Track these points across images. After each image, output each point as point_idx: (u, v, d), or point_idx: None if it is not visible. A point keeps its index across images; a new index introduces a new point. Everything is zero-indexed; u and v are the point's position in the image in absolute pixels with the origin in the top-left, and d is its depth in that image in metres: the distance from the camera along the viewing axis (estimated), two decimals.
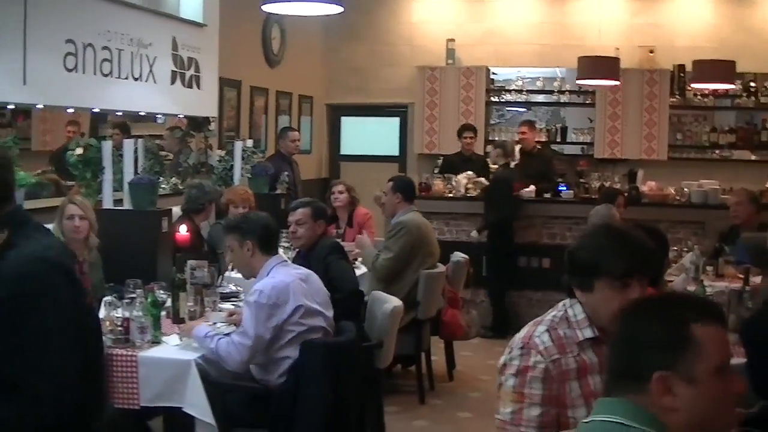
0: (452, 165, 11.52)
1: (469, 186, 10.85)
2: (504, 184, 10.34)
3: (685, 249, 8.39)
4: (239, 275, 7.04)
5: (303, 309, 5.04)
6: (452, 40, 13.01)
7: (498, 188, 10.33)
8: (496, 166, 10.87)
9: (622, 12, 12.93)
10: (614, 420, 2.18)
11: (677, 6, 12.88)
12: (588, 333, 3.17)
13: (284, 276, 5.13)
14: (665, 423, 2.16)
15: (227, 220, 5.85)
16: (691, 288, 6.38)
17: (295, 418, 4.86)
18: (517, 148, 11.51)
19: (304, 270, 5.37)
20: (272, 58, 11.63)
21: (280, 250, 5.85)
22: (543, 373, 3.10)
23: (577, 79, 11.31)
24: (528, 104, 13.62)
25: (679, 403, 2.15)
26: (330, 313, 5.30)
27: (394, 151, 13.72)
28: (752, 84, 12.47)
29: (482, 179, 10.88)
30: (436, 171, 11.67)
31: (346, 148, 13.91)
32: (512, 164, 10.64)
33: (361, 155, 13.69)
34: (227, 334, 5.03)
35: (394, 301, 6.23)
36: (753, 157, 12.71)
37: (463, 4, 13.33)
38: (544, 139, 13.20)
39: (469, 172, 11.02)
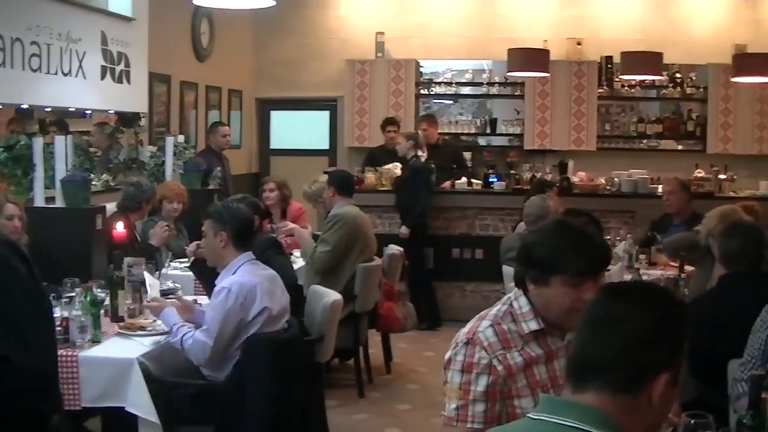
0: (376, 158, 11.53)
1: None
2: (422, 174, 10.36)
3: (618, 238, 8.49)
4: (177, 272, 7.04)
5: (266, 312, 4.99)
6: (381, 33, 12.98)
7: (417, 179, 10.34)
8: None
9: (550, 4, 13.01)
10: (575, 425, 2.08)
11: None
12: (533, 325, 3.19)
13: (252, 276, 5.07)
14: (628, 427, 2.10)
15: (210, 205, 5.72)
16: (628, 276, 6.45)
17: (240, 414, 4.82)
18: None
19: (270, 271, 5.30)
20: (201, 52, 11.52)
21: None
22: (488, 369, 3.10)
23: (507, 71, 11.37)
24: (457, 96, 13.65)
25: (659, 406, 2.11)
26: (287, 317, 5.27)
27: (324, 144, 13.67)
28: (678, 75, 12.66)
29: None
30: (357, 169, 11.56)
31: (276, 142, 13.81)
32: (423, 157, 10.66)
33: (291, 149, 13.61)
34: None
35: (333, 295, 6.23)
36: (679, 147, 12.91)
37: None
38: (473, 131, 13.31)
39: (397, 164, 11.04)
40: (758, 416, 2.97)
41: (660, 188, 10.18)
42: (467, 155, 12.69)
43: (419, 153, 10.54)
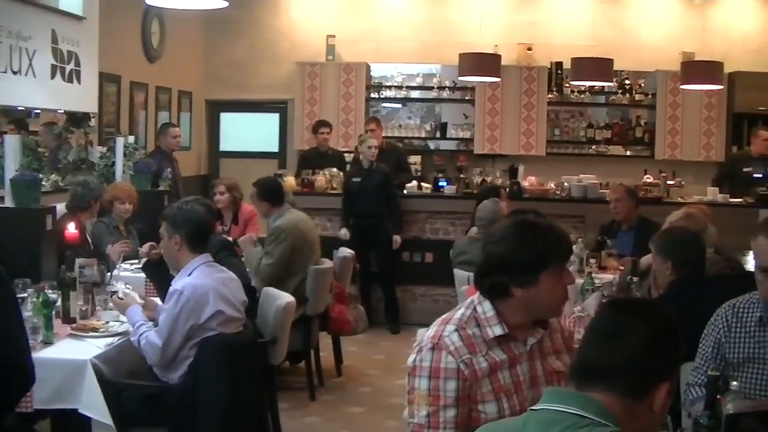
0: (309, 161, 11.51)
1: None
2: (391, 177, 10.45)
3: None
4: (128, 273, 6.97)
5: (220, 315, 4.96)
6: (332, 36, 12.97)
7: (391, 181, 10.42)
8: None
9: (501, 10, 13.09)
10: (577, 412, 2.21)
11: (555, 4, 13.12)
12: (498, 330, 3.17)
13: (207, 279, 5.01)
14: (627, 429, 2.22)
15: (167, 207, 5.65)
16: (579, 280, 6.48)
17: (194, 416, 4.79)
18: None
19: (227, 273, 5.25)
20: (152, 53, 11.44)
21: None
22: (456, 374, 3.08)
23: (458, 76, 11.39)
24: (406, 100, 13.68)
25: (660, 415, 2.29)
26: (243, 320, 5.24)
27: (274, 147, 13.64)
28: (627, 82, 12.81)
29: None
30: (305, 172, 11.48)
31: (226, 144, 13.75)
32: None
33: (240, 151, 13.55)
34: None
35: (286, 297, 6.20)
36: (628, 153, 13.09)
37: (343, 1, 13.32)
38: (422, 135, 13.35)
39: (333, 169, 11.05)
40: (714, 416, 3.01)
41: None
42: (416, 159, 12.74)
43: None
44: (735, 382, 3.13)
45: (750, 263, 4.12)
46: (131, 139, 9.62)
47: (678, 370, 2.33)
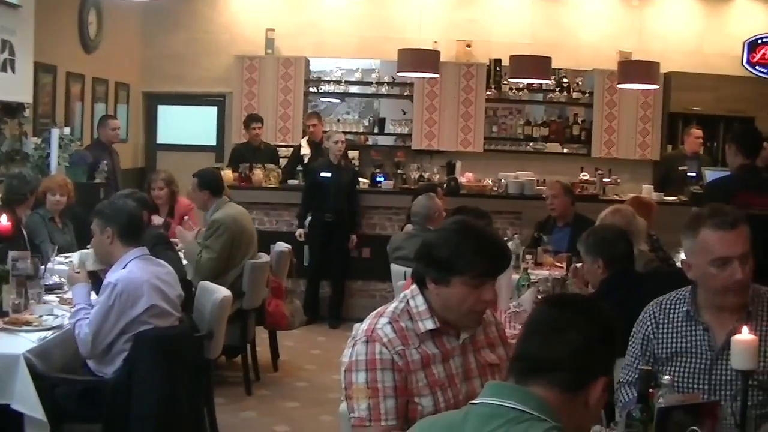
0: (241, 155, 11.46)
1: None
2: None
3: (505, 238, 8.58)
4: (62, 267, 6.88)
5: (155, 309, 4.92)
6: (272, 29, 12.91)
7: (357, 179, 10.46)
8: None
9: (441, 6, 13.14)
10: (517, 407, 2.23)
11: (495, 2, 13.19)
12: (429, 324, 3.22)
13: (141, 272, 4.97)
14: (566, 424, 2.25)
15: (99, 202, 5.59)
16: (516, 276, 6.52)
17: (128, 411, 4.75)
18: (304, 140, 11.66)
19: (163, 267, 5.21)
20: (89, 43, 11.29)
21: None
22: (391, 364, 3.12)
23: (397, 71, 11.40)
24: (345, 95, 13.67)
25: (595, 411, 2.33)
26: (179, 313, 5.20)
27: (212, 140, 13.54)
28: (565, 80, 12.94)
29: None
30: (217, 165, 11.40)
31: (163, 137, 13.60)
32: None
33: (178, 144, 13.41)
34: None
35: (222, 291, 6.16)
36: (565, 150, 13.22)
37: None
38: (360, 130, 13.36)
39: (270, 164, 11.04)
40: (646, 410, 3.05)
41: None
42: (354, 154, 12.73)
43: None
44: (666, 377, 3.18)
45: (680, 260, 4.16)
46: (67, 130, 9.53)
47: (613, 365, 2.36)
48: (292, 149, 12.13)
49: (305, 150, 11.58)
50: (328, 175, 10.22)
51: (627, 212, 6.37)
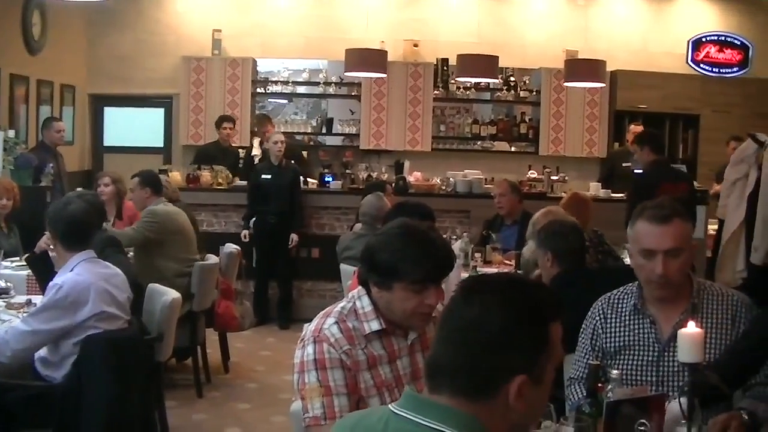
0: (208, 155, 11.41)
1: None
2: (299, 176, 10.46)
3: (454, 237, 8.63)
4: (9, 271, 6.81)
5: (102, 314, 4.85)
6: (218, 30, 12.85)
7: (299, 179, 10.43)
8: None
9: (388, 6, 13.16)
10: (437, 427, 2.01)
11: (442, 2, 13.24)
12: (375, 325, 3.23)
13: (88, 274, 4.89)
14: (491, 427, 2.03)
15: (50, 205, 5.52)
16: (465, 275, 6.55)
17: (79, 415, 4.70)
18: (256, 142, 11.74)
19: (111, 270, 5.13)
20: (33, 45, 11.17)
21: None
22: (339, 363, 3.13)
23: (344, 71, 11.40)
24: (292, 96, 13.65)
25: (523, 406, 2.02)
26: (128, 316, 5.16)
27: (159, 142, 13.46)
28: (512, 78, 13.02)
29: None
30: (193, 167, 11.41)
31: (110, 139, 13.48)
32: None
33: (125, 147, 13.30)
34: None
35: (172, 293, 6.13)
36: (512, 149, 13.30)
37: None
38: (308, 130, 13.36)
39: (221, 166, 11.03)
40: (595, 404, 3.08)
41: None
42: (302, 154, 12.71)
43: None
44: (615, 371, 3.21)
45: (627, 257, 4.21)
46: (11, 133, 9.41)
47: (546, 357, 2.06)
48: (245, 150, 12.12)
49: (256, 151, 11.55)
50: (269, 176, 10.21)
51: (558, 213, 6.43)
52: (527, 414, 2.07)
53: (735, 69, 13.09)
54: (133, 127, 13.57)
